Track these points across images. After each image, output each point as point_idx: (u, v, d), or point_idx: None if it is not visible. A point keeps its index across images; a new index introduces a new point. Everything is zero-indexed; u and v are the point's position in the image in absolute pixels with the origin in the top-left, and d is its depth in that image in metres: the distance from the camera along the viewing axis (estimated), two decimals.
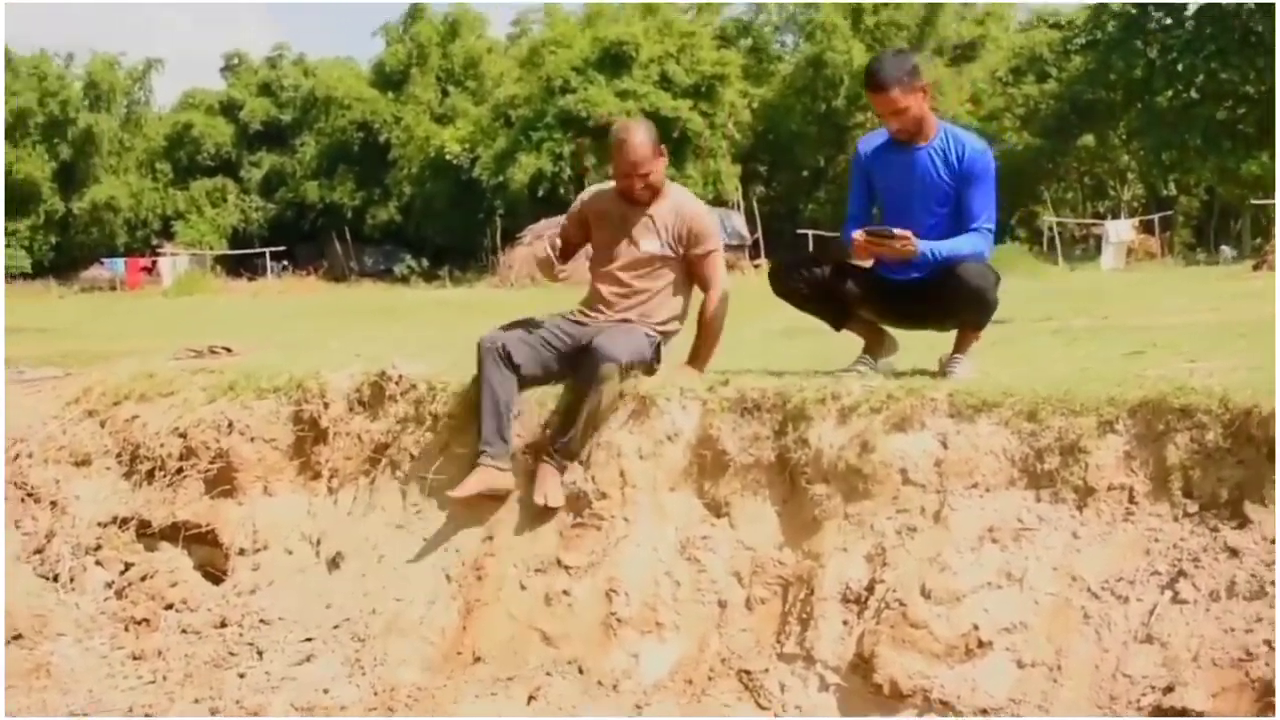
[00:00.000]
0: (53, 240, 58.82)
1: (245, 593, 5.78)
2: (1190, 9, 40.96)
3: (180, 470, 6.43)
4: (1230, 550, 3.88)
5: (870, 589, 4.37)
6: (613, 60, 46.15)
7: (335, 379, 6.20)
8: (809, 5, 49.06)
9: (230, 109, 61.71)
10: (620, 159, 5.38)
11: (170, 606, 5.95)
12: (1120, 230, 36.99)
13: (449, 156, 48.85)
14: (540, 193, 43.85)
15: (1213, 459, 4.07)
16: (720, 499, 4.90)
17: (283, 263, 54.54)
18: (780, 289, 5.58)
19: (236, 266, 53.79)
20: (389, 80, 56.67)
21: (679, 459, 5.00)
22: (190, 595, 6.02)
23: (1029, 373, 5.16)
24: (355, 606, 5.29)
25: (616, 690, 4.56)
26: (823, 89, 45.91)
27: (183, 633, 5.69)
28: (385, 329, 13.77)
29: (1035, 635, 4.04)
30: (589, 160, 44.53)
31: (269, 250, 52.74)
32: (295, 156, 59.05)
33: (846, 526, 4.55)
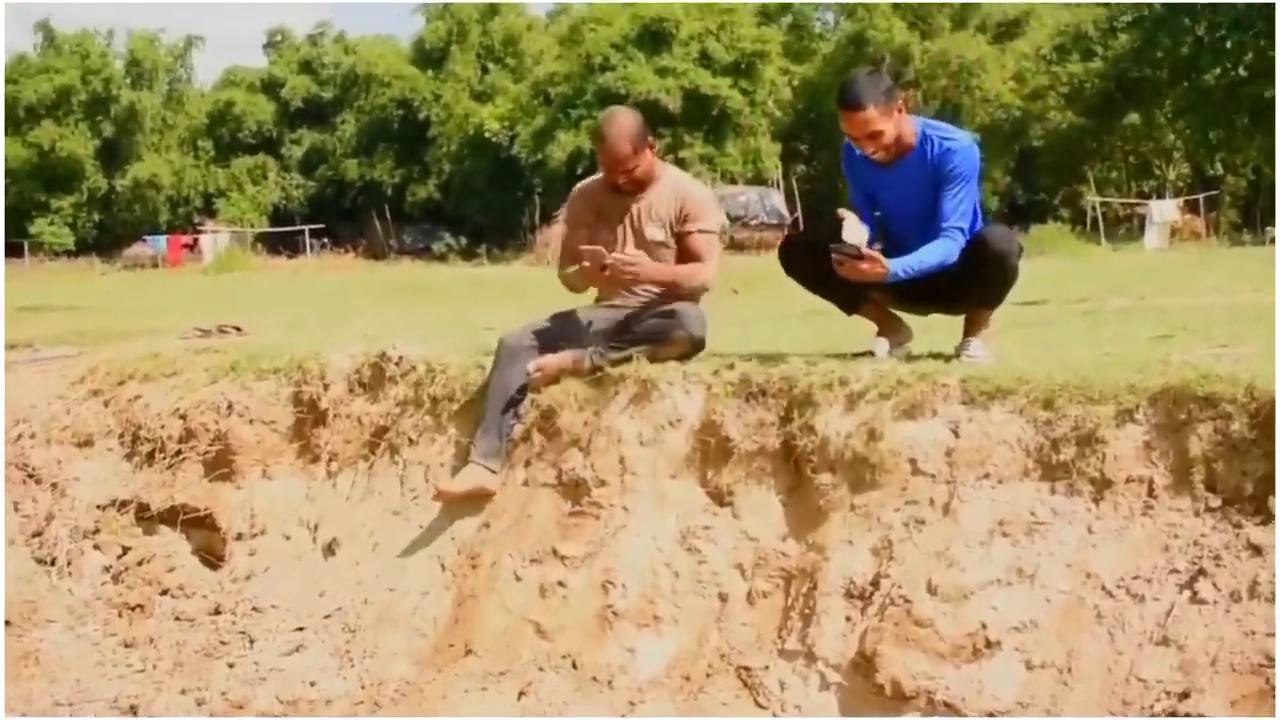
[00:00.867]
0: (96, 218, 59.13)
1: (241, 579, 5.65)
2: None
3: (179, 452, 6.31)
4: (1253, 548, 3.65)
5: (875, 584, 4.17)
6: (652, 37, 45.79)
7: (336, 360, 6.05)
8: None
9: (271, 86, 61.82)
10: (602, 154, 5.19)
11: (166, 592, 5.83)
12: (1165, 210, 36.32)
13: (488, 134, 48.66)
14: (579, 170, 43.51)
15: (1237, 451, 3.84)
16: (723, 487, 4.70)
17: (322, 240, 54.64)
18: (790, 269, 5.34)
19: (276, 244, 53.89)
20: (429, 58, 56.53)
21: (681, 445, 4.81)
22: (187, 581, 5.89)
23: (1049, 357, 4.90)
24: (348, 595, 5.15)
25: (611, 686, 4.38)
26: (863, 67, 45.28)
27: (176, 620, 5.56)
28: (412, 308, 13.65)
29: (1046, 635, 3.83)
30: None
31: (309, 228, 52.84)
32: (335, 134, 59.09)
33: (852, 518, 4.35)
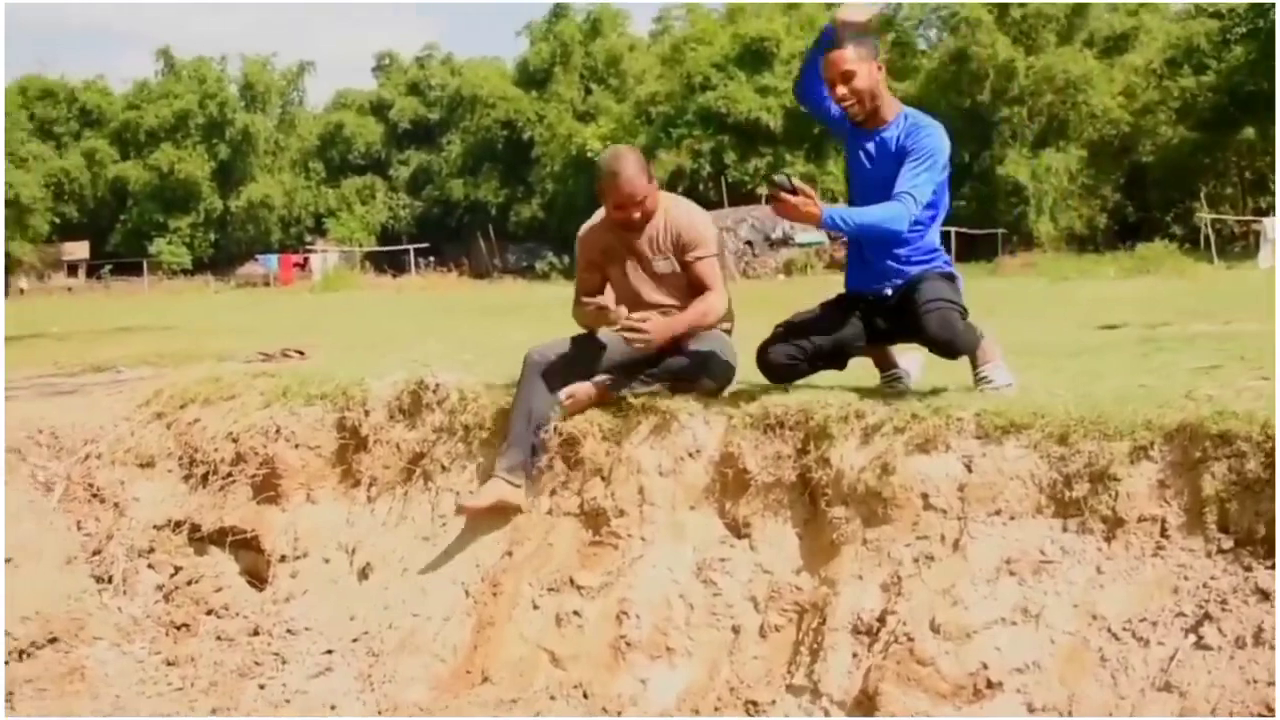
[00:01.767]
0: (212, 237, 60.84)
1: (281, 601, 5.75)
2: None
3: (230, 475, 6.44)
4: (1261, 593, 3.54)
5: (882, 620, 4.12)
6: (753, 56, 45.93)
7: (377, 387, 6.14)
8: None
9: (380, 108, 63.13)
10: (615, 192, 5.12)
11: (211, 612, 5.95)
12: None
13: (590, 154, 48.97)
14: (680, 190, 43.73)
15: (1251, 491, 3.73)
16: (740, 519, 4.69)
17: (428, 259, 55.51)
18: (777, 377, 5.10)
19: (383, 263, 54.86)
20: (532, 79, 57.29)
21: (700, 476, 4.81)
22: (232, 601, 6.01)
23: (1079, 388, 4.80)
24: (375, 620, 5.21)
25: (620, 717, 4.38)
26: (967, 84, 44.75)
27: (218, 639, 5.68)
28: (496, 327, 13.74)
29: (1048, 677, 3.75)
30: (729, 157, 44.34)
31: (414, 247, 53.75)
32: (442, 154, 60.14)
33: (864, 552, 4.30)
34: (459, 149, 59.22)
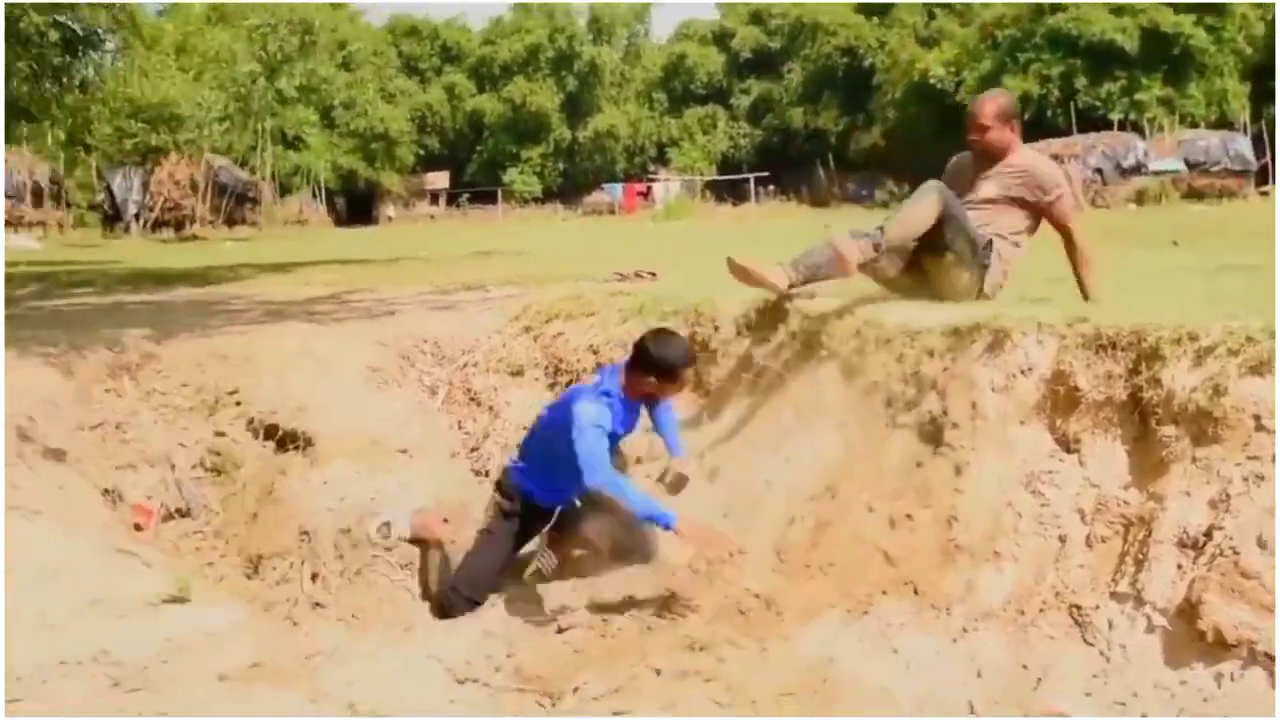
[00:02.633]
0: (560, 167, 63.15)
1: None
2: None
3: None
4: None
5: (1209, 535, 4.25)
6: None
7: (726, 304, 6.61)
8: None
9: (722, 38, 63.72)
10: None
11: None
12: None
13: (933, 80, 48.00)
14: (1026, 116, 42.30)
15: None
16: (1070, 435, 4.87)
17: (768, 187, 55.98)
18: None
19: (724, 191, 55.68)
20: (874, 5, 56.46)
21: (1031, 393, 5.01)
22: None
23: None
24: (719, 519, 5.68)
25: (949, 613, 4.69)
26: None
27: None
28: None
29: None
30: (1079, 82, 42.61)
31: (754, 175, 54.31)
32: (782, 83, 60.17)
33: (1193, 470, 4.43)
34: (799, 77, 59.18)
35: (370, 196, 59.58)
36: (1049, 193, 6.19)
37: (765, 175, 55.67)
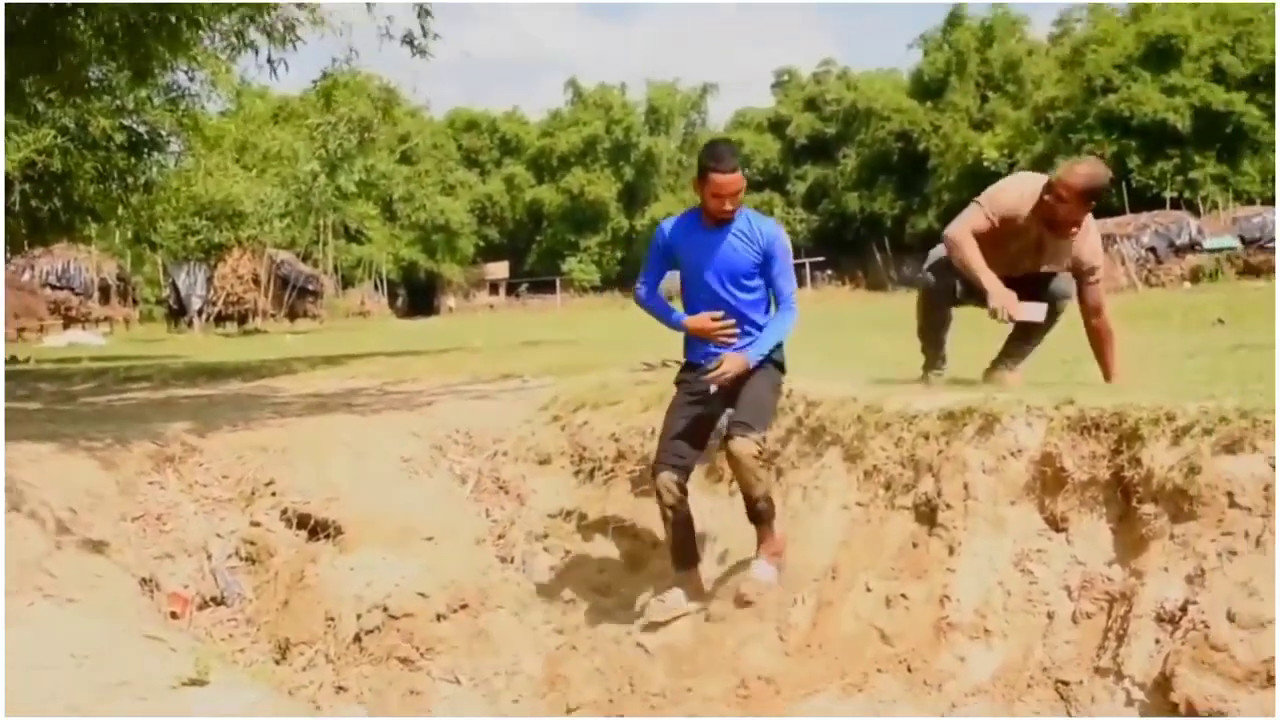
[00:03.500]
0: (618, 255, 63.84)
1: (655, 578, 6.51)
2: None
3: (613, 470, 7.32)
4: None
5: (1184, 609, 4.38)
6: (1159, 55, 43.94)
7: None
8: None
9: (778, 125, 64.42)
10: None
11: (595, 590, 6.81)
12: None
13: (987, 163, 48.31)
14: None
15: None
16: (1058, 514, 5.03)
17: (826, 272, 56.23)
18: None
19: None
20: (928, 89, 57.04)
21: (1020, 474, 5.17)
22: (613, 581, 6.85)
23: None
24: (727, 609, 5.84)
25: (940, 690, 4.82)
26: None
27: (599, 612, 6.51)
28: (865, 342, 14.15)
29: None
30: (1132, 162, 42.67)
31: (811, 260, 54.58)
32: (838, 168, 60.67)
33: (1170, 546, 4.56)
34: (854, 162, 59.72)
35: (431, 287, 60.62)
36: (1094, 270, 6.26)
37: (821, 260, 55.97)
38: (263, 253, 37.53)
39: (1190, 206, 38.60)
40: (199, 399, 11.00)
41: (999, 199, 6.24)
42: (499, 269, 64.34)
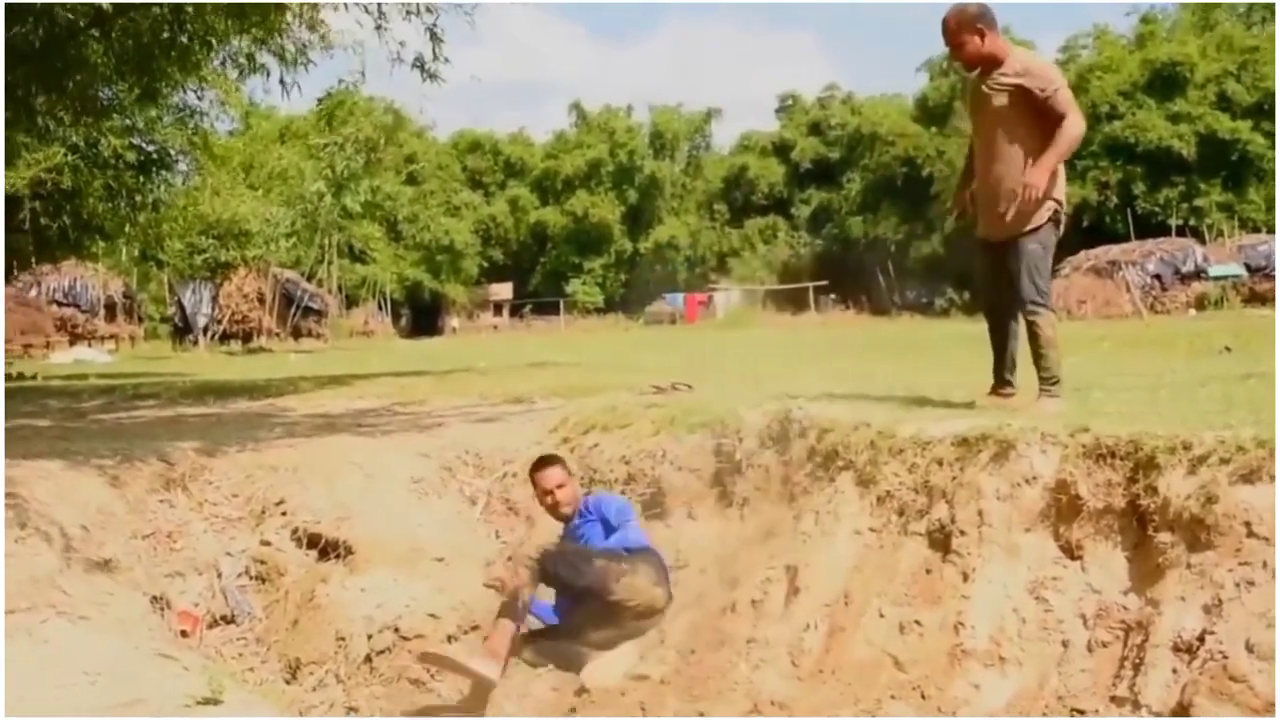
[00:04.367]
0: (622, 277, 63.94)
1: None
2: None
3: (624, 493, 7.30)
4: None
5: (1201, 639, 4.37)
6: (1164, 82, 44.05)
7: (750, 417, 6.82)
8: None
9: (782, 149, 64.45)
10: None
11: None
12: None
13: None
14: (1085, 223, 42.49)
15: None
16: (1073, 541, 5.02)
17: (829, 296, 56.23)
18: None
19: (784, 300, 56.00)
20: (932, 114, 57.00)
21: (1035, 501, 5.17)
22: None
23: None
24: (739, 633, 5.83)
25: (954, 717, 4.81)
26: None
27: None
28: (870, 365, 14.14)
29: None
30: (1138, 188, 42.73)
31: (814, 285, 54.59)
32: (842, 193, 60.67)
33: (1187, 575, 4.55)
34: (859, 186, 59.70)
35: (435, 308, 60.67)
36: (1048, 88, 6.30)
37: (825, 284, 55.99)
38: (268, 271, 37.58)
39: (1196, 234, 38.65)
40: (207, 417, 11.01)
41: None
42: (503, 290, 64.37)
